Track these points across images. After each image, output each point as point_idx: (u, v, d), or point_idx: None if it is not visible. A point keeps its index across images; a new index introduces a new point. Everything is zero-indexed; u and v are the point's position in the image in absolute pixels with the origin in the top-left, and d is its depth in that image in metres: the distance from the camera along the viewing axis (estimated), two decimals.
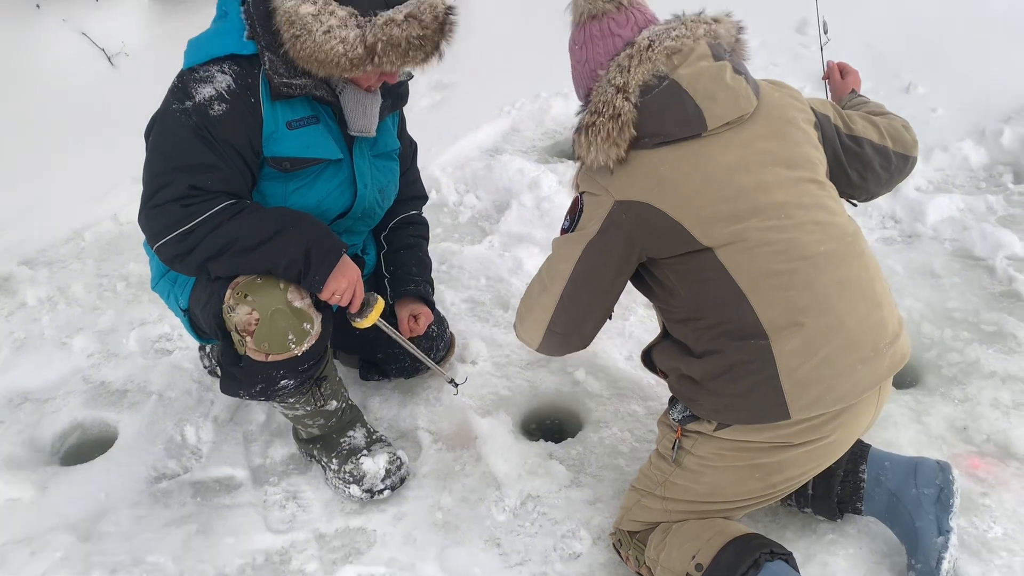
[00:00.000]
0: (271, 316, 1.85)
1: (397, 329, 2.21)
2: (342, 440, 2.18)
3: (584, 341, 1.80)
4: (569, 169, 3.57)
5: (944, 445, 2.15)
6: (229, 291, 1.86)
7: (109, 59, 4.60)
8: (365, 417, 2.32)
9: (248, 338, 1.87)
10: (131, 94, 4.35)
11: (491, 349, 2.61)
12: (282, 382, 1.98)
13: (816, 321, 1.55)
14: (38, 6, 4.70)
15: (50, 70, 4.47)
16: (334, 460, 2.15)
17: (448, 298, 2.86)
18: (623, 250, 1.65)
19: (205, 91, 1.82)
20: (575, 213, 1.71)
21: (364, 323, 2.03)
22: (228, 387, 2.03)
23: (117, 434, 2.42)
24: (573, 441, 2.29)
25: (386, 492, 2.12)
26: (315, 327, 1.92)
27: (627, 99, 1.58)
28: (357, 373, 2.52)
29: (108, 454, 2.33)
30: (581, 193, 1.71)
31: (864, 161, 1.83)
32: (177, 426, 2.39)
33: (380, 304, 2.04)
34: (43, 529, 2.10)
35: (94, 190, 3.65)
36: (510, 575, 1.93)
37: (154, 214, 1.81)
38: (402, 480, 2.16)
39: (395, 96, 2.16)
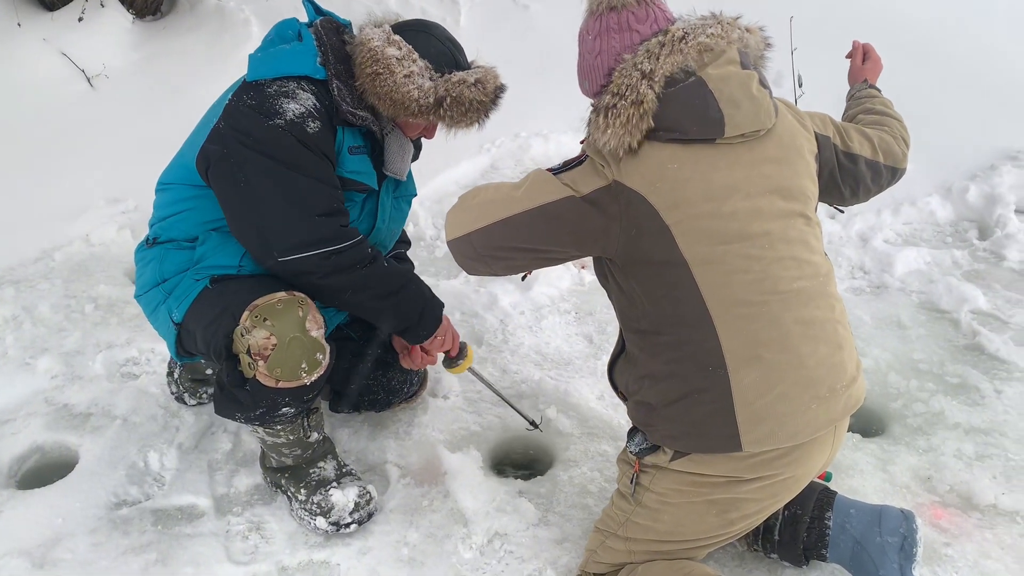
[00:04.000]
0: (288, 343, 1.85)
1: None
2: (312, 471, 2.15)
3: (484, 272, 1.78)
4: None
5: (908, 494, 2.17)
6: (247, 313, 1.85)
7: (88, 80, 4.58)
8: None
9: (261, 362, 1.85)
10: (109, 116, 4.35)
11: (463, 384, 2.60)
12: (283, 409, 1.97)
13: (776, 357, 1.56)
14: (19, 24, 4.68)
15: (28, 89, 4.43)
16: (302, 490, 2.12)
17: None
18: (597, 229, 1.60)
19: (293, 107, 1.89)
20: (573, 164, 1.64)
21: (458, 369, 2.27)
22: (225, 408, 2.01)
23: (78, 458, 2.36)
24: (542, 479, 2.28)
25: (353, 526, 2.09)
26: (326, 358, 1.93)
27: (651, 87, 1.53)
28: (327, 404, 2.50)
29: (67, 479, 2.28)
30: (587, 156, 1.64)
31: (857, 177, 1.87)
32: (140, 452, 2.35)
33: (472, 353, 2.26)
34: None
35: (66, 210, 3.60)
36: None
37: (316, 224, 1.90)
38: (370, 515, 2.13)
39: (417, 147, 2.33)
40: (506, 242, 1.66)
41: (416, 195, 2.41)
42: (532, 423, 2.38)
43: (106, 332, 2.89)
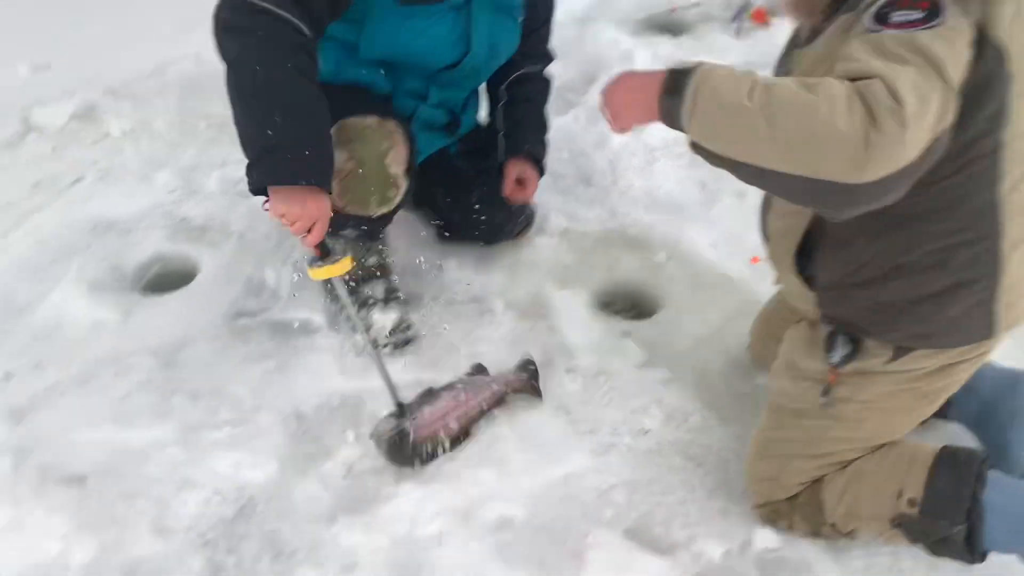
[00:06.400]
0: (365, 173, 1.82)
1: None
2: (362, 287, 2.17)
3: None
4: (667, 45, 3.42)
5: None
6: (335, 128, 1.80)
7: None
8: (423, 280, 2.34)
9: (335, 182, 1.83)
10: None
11: (571, 223, 2.57)
12: (346, 230, 1.97)
13: None
14: None
15: None
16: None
17: None
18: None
19: None
20: (932, 7, 1.18)
21: (317, 273, 1.71)
22: None
23: (198, 269, 2.45)
24: (649, 322, 2.27)
25: (388, 348, 2.12)
26: (398, 196, 1.90)
27: None
28: (435, 231, 2.50)
29: (188, 288, 2.38)
30: None
31: None
32: (257, 267, 2.41)
33: (345, 264, 1.72)
34: (127, 352, 2.16)
35: (177, 26, 3.58)
36: (578, 442, 1.95)
37: None
38: (406, 342, 2.15)
39: None
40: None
41: (521, 4, 2.12)
42: (399, 406, 1.89)
43: (220, 150, 2.93)
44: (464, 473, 1.90)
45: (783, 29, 2.12)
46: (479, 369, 2.05)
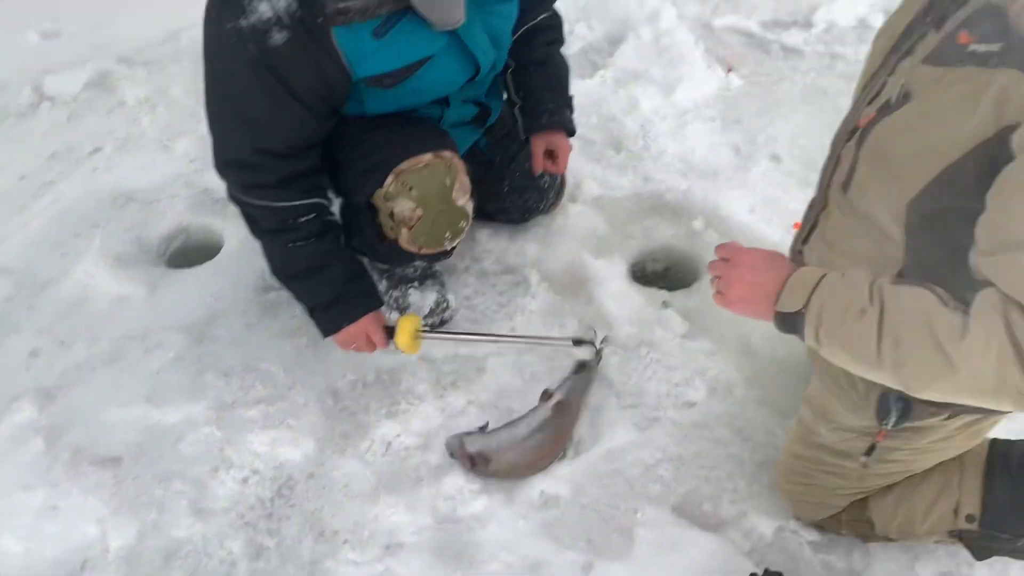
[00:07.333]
0: (435, 216, 1.77)
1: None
2: (397, 266, 2.12)
3: None
4: (694, 3, 3.31)
5: None
6: (392, 177, 1.70)
7: None
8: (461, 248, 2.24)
9: (405, 230, 1.78)
10: None
11: (604, 190, 2.49)
12: (416, 262, 2.02)
13: None
14: None
15: None
16: (384, 281, 2.12)
17: None
18: None
19: (263, 8, 1.46)
20: None
21: (404, 349, 1.87)
22: (358, 248, 1.91)
23: (222, 241, 2.39)
24: (689, 291, 2.21)
25: (425, 329, 2.07)
26: (468, 223, 1.86)
27: None
28: None
29: (215, 261, 2.32)
30: None
31: None
32: None
33: (407, 323, 1.85)
34: (156, 328, 2.12)
35: None
36: (620, 416, 1.91)
37: (222, 172, 1.73)
38: (443, 323, 2.12)
39: None
40: None
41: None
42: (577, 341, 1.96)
43: None
44: None
45: None
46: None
